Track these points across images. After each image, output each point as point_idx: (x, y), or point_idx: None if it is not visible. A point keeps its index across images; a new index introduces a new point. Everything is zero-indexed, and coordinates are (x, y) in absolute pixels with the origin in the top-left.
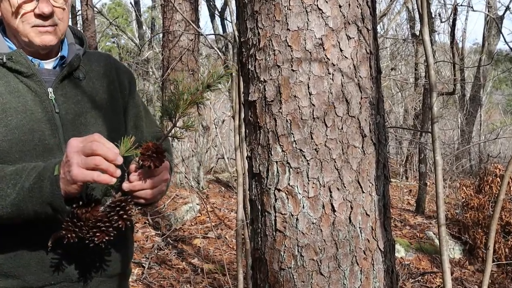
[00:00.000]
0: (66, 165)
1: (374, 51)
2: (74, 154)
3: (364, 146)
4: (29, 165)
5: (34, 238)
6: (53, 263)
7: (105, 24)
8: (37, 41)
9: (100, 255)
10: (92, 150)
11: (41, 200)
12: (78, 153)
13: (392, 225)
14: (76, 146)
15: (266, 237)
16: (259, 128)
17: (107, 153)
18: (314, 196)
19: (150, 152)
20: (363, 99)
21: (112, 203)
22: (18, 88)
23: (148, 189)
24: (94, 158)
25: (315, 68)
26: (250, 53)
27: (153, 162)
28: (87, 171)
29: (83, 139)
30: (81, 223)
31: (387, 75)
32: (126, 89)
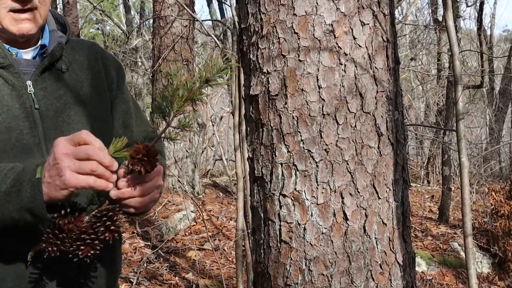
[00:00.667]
0: (54, 168)
1: (392, 39)
2: (64, 156)
3: (380, 146)
4: (6, 166)
5: (11, 249)
6: (32, 278)
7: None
8: (13, 30)
9: (85, 270)
10: (87, 155)
11: (19, 206)
12: (69, 156)
13: (412, 236)
14: (65, 148)
15: (270, 249)
16: (262, 125)
17: (103, 159)
18: (324, 202)
19: (140, 155)
20: (379, 93)
21: (98, 213)
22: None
23: (139, 196)
24: (90, 163)
25: (325, 58)
26: (251, 41)
27: (144, 167)
28: (82, 176)
29: (70, 138)
30: (64, 235)
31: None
32: (114, 82)
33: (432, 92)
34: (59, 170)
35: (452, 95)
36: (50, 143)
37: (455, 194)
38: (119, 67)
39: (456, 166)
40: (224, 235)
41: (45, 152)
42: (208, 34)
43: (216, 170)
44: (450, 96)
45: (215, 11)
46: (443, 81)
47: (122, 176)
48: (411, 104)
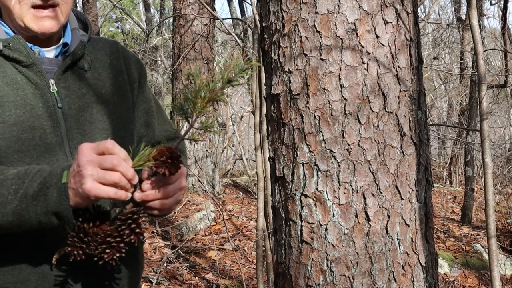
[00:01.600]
0: (78, 175)
1: (415, 37)
2: (88, 164)
3: (403, 146)
4: (33, 169)
5: (36, 251)
6: (57, 281)
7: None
8: (35, 27)
9: (109, 272)
10: (112, 165)
11: (46, 210)
12: (93, 164)
13: (434, 237)
14: (90, 155)
15: (291, 250)
16: (283, 125)
17: (127, 171)
18: (346, 203)
19: (164, 158)
20: (402, 93)
21: (123, 215)
22: (17, 80)
23: (163, 199)
24: (114, 174)
25: (347, 57)
26: (273, 40)
27: (168, 169)
28: (103, 186)
29: (95, 146)
30: (89, 239)
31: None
32: (136, 81)
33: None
34: (81, 177)
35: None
36: (73, 142)
37: (478, 195)
38: (140, 66)
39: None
40: (245, 235)
41: (68, 151)
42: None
43: (236, 170)
44: (473, 95)
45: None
46: (466, 80)
47: (146, 178)
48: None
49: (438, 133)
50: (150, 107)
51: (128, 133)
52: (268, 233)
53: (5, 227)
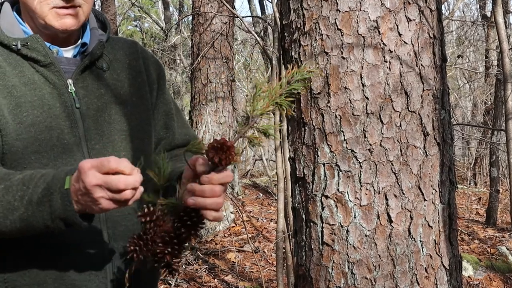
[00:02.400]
0: (87, 196)
1: (438, 35)
2: (95, 188)
3: (426, 146)
4: (37, 173)
5: (54, 254)
6: (74, 283)
7: (127, 5)
8: (56, 25)
9: None
10: (118, 188)
11: (52, 216)
12: (101, 187)
13: (458, 239)
14: (94, 178)
15: (312, 251)
16: (304, 124)
17: (135, 184)
18: (367, 204)
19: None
20: (425, 92)
21: (183, 215)
22: (34, 79)
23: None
24: (124, 194)
25: (369, 55)
26: (293, 38)
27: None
28: (116, 204)
29: (98, 165)
30: (148, 237)
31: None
32: (155, 82)
33: (479, 90)
34: (93, 200)
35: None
36: (91, 143)
37: (503, 196)
38: (159, 67)
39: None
40: (264, 237)
41: (86, 151)
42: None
43: (256, 171)
44: (498, 94)
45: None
46: (491, 79)
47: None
48: (457, 103)
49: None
50: (170, 109)
51: (147, 135)
52: (288, 235)
53: (15, 232)
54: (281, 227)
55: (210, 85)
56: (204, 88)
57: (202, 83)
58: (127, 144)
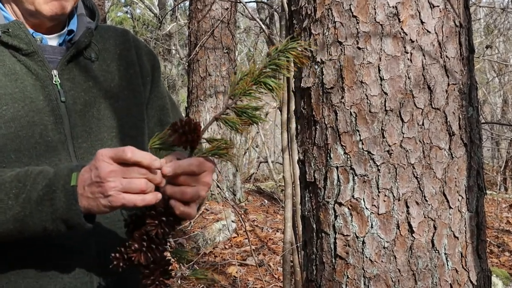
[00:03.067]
0: (97, 186)
1: (465, 23)
2: (110, 176)
3: (451, 147)
4: (34, 170)
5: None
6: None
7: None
8: (46, 10)
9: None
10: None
11: (53, 216)
12: (116, 174)
13: (487, 251)
14: (110, 166)
15: (323, 265)
16: (315, 123)
17: (155, 178)
18: (386, 212)
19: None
20: (451, 86)
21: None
22: (15, 70)
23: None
24: (139, 182)
25: (388, 45)
26: (303, 26)
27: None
28: (129, 196)
29: (115, 156)
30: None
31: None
32: (149, 74)
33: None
34: (104, 190)
35: None
36: (77, 141)
37: None
38: (154, 58)
39: None
40: (270, 249)
41: (72, 150)
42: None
43: (260, 174)
44: None
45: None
46: None
47: None
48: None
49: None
50: (165, 104)
51: (139, 132)
52: (297, 247)
53: (6, 235)
54: (288, 238)
55: (209, 78)
56: (203, 82)
57: (200, 76)
58: (118, 142)
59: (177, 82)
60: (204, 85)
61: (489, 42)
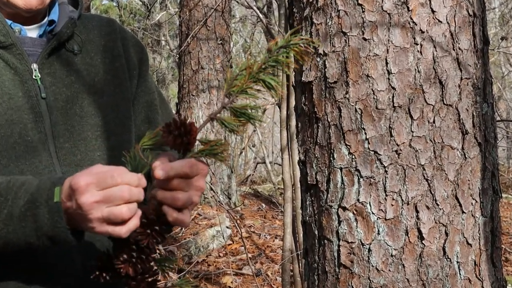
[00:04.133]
0: (80, 215)
1: (479, 13)
2: (93, 207)
3: (465, 147)
4: (16, 181)
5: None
6: None
7: None
8: (19, 2)
9: None
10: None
11: (38, 233)
12: (99, 204)
13: (502, 259)
14: (92, 195)
15: (326, 275)
16: (317, 120)
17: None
18: (394, 217)
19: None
20: (464, 81)
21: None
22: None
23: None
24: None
25: (396, 36)
26: (304, 15)
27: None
28: (113, 228)
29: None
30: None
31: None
32: (136, 68)
33: None
34: (87, 220)
35: None
36: (59, 140)
37: None
38: (141, 50)
39: None
40: (268, 257)
41: (53, 151)
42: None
43: (257, 176)
44: None
45: None
46: None
47: None
48: (501, 95)
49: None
50: (153, 99)
51: (126, 129)
52: (297, 255)
53: None
54: (288, 245)
55: (202, 71)
56: (195, 76)
57: (192, 69)
58: (103, 142)
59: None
60: (197, 79)
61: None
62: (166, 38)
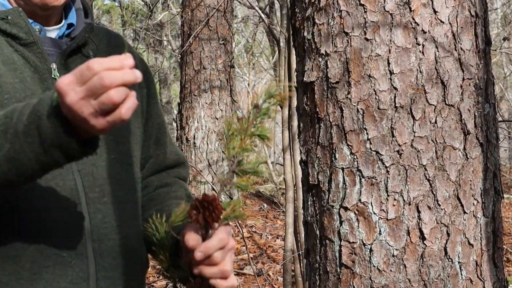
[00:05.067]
0: (75, 118)
1: (481, 13)
2: (81, 104)
3: (466, 147)
4: (21, 104)
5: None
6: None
7: None
8: None
9: None
10: (103, 87)
11: (44, 145)
12: (85, 99)
13: (504, 259)
14: (75, 93)
15: (327, 275)
16: (319, 120)
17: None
18: (395, 217)
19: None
20: (466, 81)
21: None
22: (13, 59)
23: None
24: (109, 96)
25: (398, 36)
26: (306, 15)
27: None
28: (112, 116)
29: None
30: None
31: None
32: (144, 86)
33: None
34: (83, 121)
35: None
36: None
37: None
38: (147, 69)
39: None
40: (269, 257)
41: None
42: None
43: None
44: None
45: None
46: None
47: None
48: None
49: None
50: (163, 121)
51: (135, 139)
52: (299, 255)
53: (2, 180)
54: (289, 245)
55: (204, 72)
56: (197, 76)
57: (194, 69)
58: (116, 144)
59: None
60: (198, 79)
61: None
62: (168, 38)
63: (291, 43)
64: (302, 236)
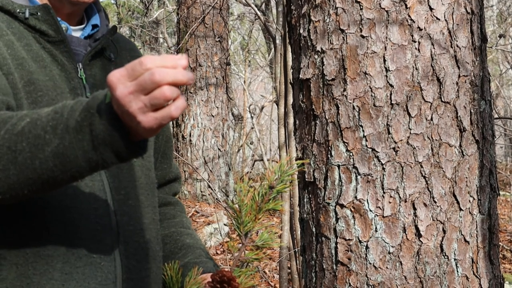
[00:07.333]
0: (124, 113)
1: (477, 10)
2: (130, 98)
3: (462, 144)
4: (71, 101)
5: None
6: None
7: None
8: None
9: None
10: (154, 83)
11: (95, 142)
12: (134, 94)
13: (500, 256)
14: (125, 87)
15: (323, 272)
16: (314, 117)
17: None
18: (391, 214)
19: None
20: (462, 78)
21: None
22: (42, 56)
23: None
24: (161, 92)
25: (394, 33)
26: (302, 12)
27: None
28: (162, 111)
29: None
30: None
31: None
32: None
33: None
34: (131, 116)
35: None
36: None
37: None
38: None
39: None
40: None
41: None
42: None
43: (255, 173)
44: None
45: None
46: None
47: None
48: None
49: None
50: (170, 135)
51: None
52: (295, 252)
53: (45, 178)
54: (285, 242)
55: (200, 69)
56: (193, 73)
57: (190, 66)
58: None
59: None
60: (194, 77)
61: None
62: (164, 35)
63: (287, 40)
64: (298, 234)
